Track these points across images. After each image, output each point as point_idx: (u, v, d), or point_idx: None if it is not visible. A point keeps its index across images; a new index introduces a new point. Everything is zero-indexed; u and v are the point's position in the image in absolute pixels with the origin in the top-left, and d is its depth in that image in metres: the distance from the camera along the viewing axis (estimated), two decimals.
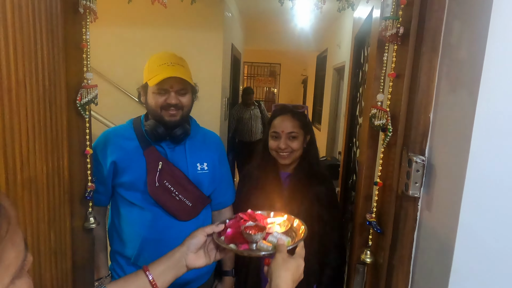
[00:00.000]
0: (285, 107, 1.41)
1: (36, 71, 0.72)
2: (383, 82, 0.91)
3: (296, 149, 1.35)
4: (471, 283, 0.69)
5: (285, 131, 1.33)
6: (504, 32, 0.62)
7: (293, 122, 1.35)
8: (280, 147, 1.34)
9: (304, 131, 1.38)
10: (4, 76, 0.63)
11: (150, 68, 1.24)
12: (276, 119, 1.38)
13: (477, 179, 0.66)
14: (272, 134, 1.37)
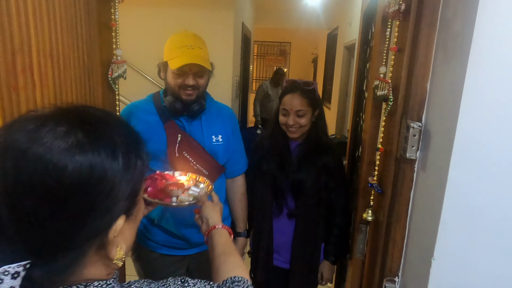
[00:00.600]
0: (295, 85, 1.48)
1: (77, 47, 0.82)
2: (386, 56, 0.99)
3: (304, 124, 1.44)
4: (457, 233, 0.79)
5: (293, 109, 1.41)
6: (492, 6, 0.69)
7: (302, 100, 1.42)
8: (288, 123, 1.43)
9: (312, 107, 1.46)
10: (54, 51, 0.74)
11: (170, 48, 1.32)
12: (286, 97, 1.46)
13: (464, 141, 0.75)
14: (282, 111, 1.46)
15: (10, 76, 0.62)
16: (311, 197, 1.44)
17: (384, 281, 1.01)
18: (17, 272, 0.38)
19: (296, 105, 1.41)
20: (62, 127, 0.40)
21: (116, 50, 1.02)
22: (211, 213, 0.90)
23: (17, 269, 0.37)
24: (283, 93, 1.49)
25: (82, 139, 0.40)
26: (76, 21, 0.82)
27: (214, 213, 0.90)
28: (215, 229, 0.85)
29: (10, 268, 0.37)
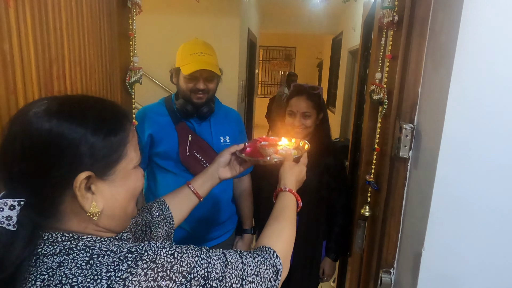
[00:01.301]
0: (302, 88, 1.59)
1: (101, 56, 0.92)
2: (381, 63, 1.07)
3: (309, 126, 1.53)
4: (444, 225, 0.87)
5: (300, 111, 1.52)
6: (473, 21, 0.77)
7: (307, 103, 1.52)
8: (294, 124, 1.53)
9: (317, 110, 1.56)
10: (82, 60, 0.83)
11: (182, 55, 1.42)
12: (293, 99, 1.56)
13: (450, 140, 0.83)
14: (289, 112, 1.56)
15: (48, 82, 0.71)
16: (313, 196, 1.52)
17: (380, 273, 1.08)
18: (13, 205, 0.48)
19: (302, 107, 1.51)
20: (46, 100, 0.54)
21: (133, 58, 1.11)
22: (285, 173, 0.89)
23: (13, 203, 0.49)
24: (290, 96, 1.59)
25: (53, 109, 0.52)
26: (100, 32, 0.91)
27: (288, 175, 0.89)
28: (281, 191, 0.86)
29: (9, 201, 0.48)
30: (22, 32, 0.63)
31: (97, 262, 0.50)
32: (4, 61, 0.59)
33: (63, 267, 0.49)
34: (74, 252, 0.51)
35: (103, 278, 0.48)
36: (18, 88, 0.63)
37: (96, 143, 0.52)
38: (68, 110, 0.53)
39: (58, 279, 0.48)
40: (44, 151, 0.50)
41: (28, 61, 0.65)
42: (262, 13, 6.22)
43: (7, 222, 0.48)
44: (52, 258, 0.50)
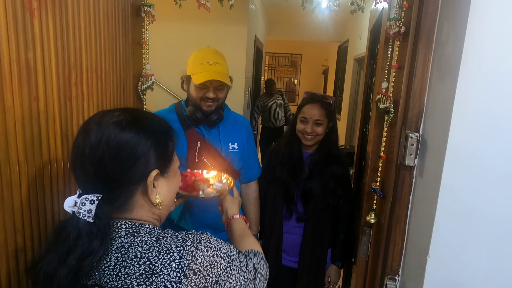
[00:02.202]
0: (314, 96, 1.62)
1: (116, 63, 0.95)
2: (388, 72, 1.09)
3: (320, 133, 1.55)
4: (449, 232, 0.88)
5: (312, 118, 1.53)
6: (478, 32, 0.79)
7: (321, 111, 1.54)
8: (306, 131, 1.54)
9: (328, 119, 1.58)
10: (98, 67, 0.86)
11: (194, 64, 1.44)
12: (306, 106, 1.57)
13: (455, 149, 0.84)
14: (301, 119, 1.56)
15: (66, 88, 0.74)
16: (320, 203, 1.54)
17: (385, 280, 1.09)
18: (93, 200, 0.58)
19: (315, 115, 1.53)
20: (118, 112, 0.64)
21: (145, 65, 1.15)
22: (230, 205, 1.04)
23: (93, 198, 0.59)
24: (303, 103, 1.62)
25: (130, 120, 0.63)
26: (116, 40, 0.94)
27: (232, 206, 1.04)
28: (233, 219, 0.98)
29: (89, 196, 0.59)
30: (45, 41, 0.66)
31: (163, 241, 0.61)
32: (28, 69, 0.62)
33: (134, 246, 0.60)
34: (140, 235, 0.62)
35: (175, 251, 0.59)
36: (39, 95, 0.66)
37: (160, 148, 0.65)
38: (141, 122, 0.65)
39: (134, 255, 0.59)
40: (126, 155, 0.61)
41: (50, 69, 0.68)
42: (268, 21, 6.28)
43: (88, 214, 0.58)
44: (120, 240, 0.61)
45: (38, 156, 0.67)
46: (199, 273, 0.58)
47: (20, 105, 0.61)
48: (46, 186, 0.70)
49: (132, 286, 0.56)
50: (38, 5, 0.64)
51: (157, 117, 0.71)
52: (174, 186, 0.72)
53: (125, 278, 0.56)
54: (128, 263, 0.58)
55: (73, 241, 0.57)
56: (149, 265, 0.57)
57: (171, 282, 0.56)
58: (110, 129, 0.61)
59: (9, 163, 0.60)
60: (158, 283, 0.56)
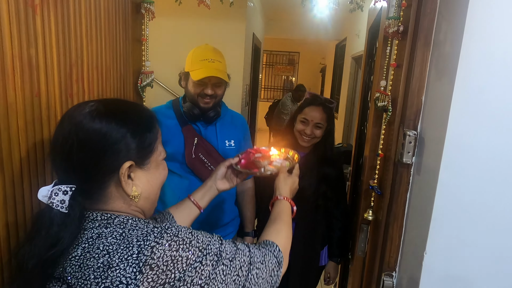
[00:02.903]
0: (318, 99, 1.61)
1: (116, 60, 0.95)
2: (386, 71, 1.10)
3: (319, 136, 1.56)
4: (446, 229, 0.89)
5: (314, 121, 1.53)
6: (476, 32, 0.80)
7: (322, 114, 1.54)
8: (306, 133, 1.53)
9: (328, 122, 1.59)
10: (99, 64, 0.87)
11: (192, 61, 1.44)
12: (309, 108, 1.56)
13: (452, 147, 0.85)
14: (302, 119, 1.56)
15: (68, 85, 0.75)
16: (310, 204, 1.55)
17: (383, 276, 1.11)
18: (66, 191, 0.59)
19: (316, 118, 1.54)
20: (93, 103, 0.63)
21: (145, 62, 1.15)
22: (280, 184, 0.99)
23: (66, 189, 0.59)
24: (305, 104, 1.61)
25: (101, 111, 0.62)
26: (116, 37, 0.95)
27: (283, 185, 0.99)
28: (277, 200, 0.95)
29: (62, 187, 0.59)
30: (46, 38, 0.66)
31: (128, 234, 0.59)
32: (30, 65, 0.63)
33: (101, 237, 0.59)
34: (111, 226, 0.60)
35: (134, 246, 0.57)
36: (41, 91, 0.66)
37: (135, 139, 0.63)
38: (113, 112, 0.63)
39: (97, 247, 0.57)
40: (95, 146, 0.60)
41: (51, 65, 0.69)
42: (266, 18, 6.28)
43: (61, 205, 0.58)
44: (92, 231, 0.60)
45: (39, 153, 0.68)
46: (157, 268, 0.55)
47: (23, 101, 0.61)
48: (47, 182, 0.71)
49: (89, 278, 0.55)
50: (40, 2, 0.64)
51: (139, 107, 0.70)
52: (156, 178, 0.69)
53: (84, 270, 0.56)
54: (91, 254, 0.57)
55: (45, 231, 0.57)
56: (108, 258, 0.56)
57: (126, 278, 0.54)
58: (80, 119, 0.60)
59: (11, 159, 0.60)
60: (114, 278, 0.54)
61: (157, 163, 0.69)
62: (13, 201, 0.61)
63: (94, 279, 0.54)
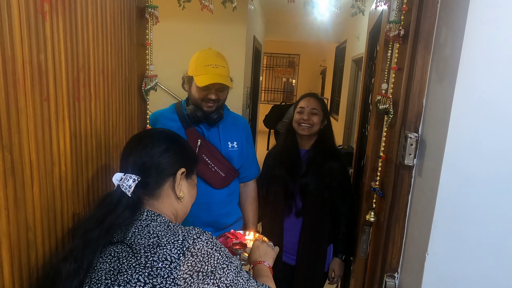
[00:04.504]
0: (310, 93, 1.73)
1: (121, 64, 0.97)
2: (387, 74, 1.11)
3: (316, 123, 1.62)
4: (447, 231, 0.90)
5: (309, 107, 1.62)
6: (476, 36, 0.81)
7: (316, 102, 1.64)
8: (303, 118, 1.60)
9: (323, 113, 1.65)
10: (105, 68, 0.88)
11: (197, 65, 1.46)
12: (303, 100, 1.67)
13: (453, 149, 0.86)
14: (298, 110, 1.64)
15: (75, 89, 0.76)
16: (316, 197, 1.59)
17: (385, 277, 1.12)
18: (134, 179, 0.75)
19: (311, 104, 1.63)
20: (166, 131, 0.86)
21: (149, 66, 1.16)
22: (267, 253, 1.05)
23: (135, 177, 0.75)
24: (299, 99, 1.70)
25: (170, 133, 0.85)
26: (121, 42, 0.96)
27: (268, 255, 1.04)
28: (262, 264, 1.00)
29: (133, 176, 0.75)
30: (55, 44, 0.68)
31: (173, 227, 0.73)
32: (39, 70, 0.64)
33: (150, 226, 0.72)
34: (156, 221, 0.75)
35: (180, 235, 0.69)
36: (50, 95, 0.68)
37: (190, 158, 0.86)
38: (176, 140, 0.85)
39: (147, 231, 0.71)
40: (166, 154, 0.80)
41: (60, 70, 0.70)
42: (267, 21, 6.31)
43: (128, 189, 0.74)
44: (140, 222, 0.74)
45: (48, 156, 0.69)
46: (196, 257, 0.67)
47: (32, 106, 0.63)
48: (55, 185, 0.72)
49: (140, 252, 0.67)
50: (49, 8, 0.65)
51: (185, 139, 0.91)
52: (192, 194, 0.88)
53: (136, 246, 0.68)
54: (142, 235, 0.70)
55: (113, 205, 0.73)
56: (157, 239, 0.68)
57: (171, 256, 0.65)
58: (157, 136, 0.82)
59: (22, 162, 0.61)
60: (161, 255, 0.65)
61: (194, 182, 0.89)
62: (24, 203, 0.62)
63: (144, 253, 0.66)
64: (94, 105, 0.84)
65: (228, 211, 1.60)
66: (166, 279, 0.64)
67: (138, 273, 0.65)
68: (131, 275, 0.65)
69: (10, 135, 0.57)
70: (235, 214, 1.64)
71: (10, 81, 0.57)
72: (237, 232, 1.28)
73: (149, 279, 0.64)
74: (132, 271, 0.65)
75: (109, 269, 0.69)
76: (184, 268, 0.65)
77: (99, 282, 0.68)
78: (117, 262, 0.69)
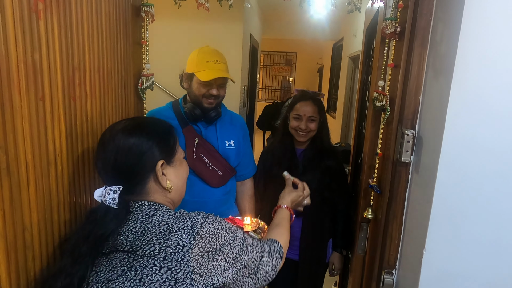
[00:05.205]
0: (306, 93, 1.68)
1: (117, 63, 0.96)
2: (384, 71, 1.11)
3: (313, 129, 1.60)
4: (444, 227, 0.90)
5: (306, 115, 1.58)
6: (472, 33, 0.81)
7: (313, 107, 1.60)
8: (300, 128, 1.58)
9: (320, 115, 1.63)
10: (101, 67, 0.87)
11: (198, 62, 1.46)
12: (299, 104, 1.62)
13: (449, 145, 0.87)
14: (295, 116, 1.61)
15: (71, 89, 0.76)
16: (316, 197, 1.56)
17: (383, 273, 1.12)
18: (115, 190, 0.74)
19: (308, 111, 1.59)
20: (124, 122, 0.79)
21: (145, 65, 1.16)
22: (284, 195, 1.19)
23: (115, 189, 0.74)
24: (295, 101, 1.66)
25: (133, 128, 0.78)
26: (117, 41, 0.96)
27: (286, 196, 1.18)
28: (279, 208, 1.13)
29: (113, 188, 0.74)
30: (50, 43, 0.67)
31: (179, 214, 0.76)
32: (34, 69, 0.63)
33: (156, 215, 0.75)
34: (159, 211, 0.76)
35: (188, 220, 0.73)
36: (45, 94, 0.67)
37: (162, 144, 0.80)
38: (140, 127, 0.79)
39: (156, 220, 0.74)
40: (133, 155, 0.76)
41: (55, 69, 0.69)
42: (264, 19, 6.29)
43: (112, 202, 0.74)
44: (144, 213, 0.75)
45: (44, 156, 0.68)
46: (205, 238, 0.72)
47: (28, 105, 0.62)
48: (52, 185, 0.72)
49: (152, 240, 0.71)
50: (43, 7, 0.65)
51: (157, 119, 0.86)
52: (182, 173, 0.86)
53: (147, 234, 0.72)
54: (151, 224, 0.73)
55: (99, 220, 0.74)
56: (167, 227, 0.72)
57: (183, 241, 0.70)
58: (118, 138, 0.76)
59: (17, 162, 0.61)
60: (173, 241, 0.70)
61: (180, 161, 0.86)
62: (20, 204, 0.62)
63: (157, 240, 0.70)
64: (90, 104, 0.84)
65: (225, 210, 1.60)
66: (180, 262, 0.69)
67: (153, 258, 0.69)
68: (147, 261, 0.69)
69: (5, 135, 0.57)
70: (232, 212, 1.65)
71: (4, 81, 0.56)
72: (235, 218, 1.29)
73: (164, 263, 0.69)
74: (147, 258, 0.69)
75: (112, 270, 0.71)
76: (196, 251, 0.70)
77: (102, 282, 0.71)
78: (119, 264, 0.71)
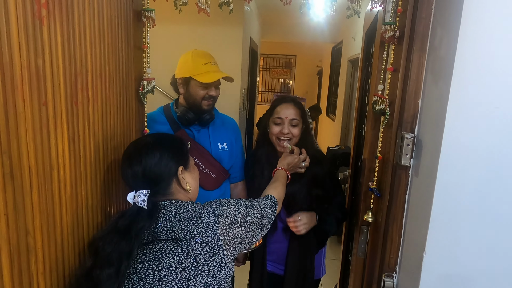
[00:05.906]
0: (287, 97, 1.54)
1: (119, 68, 0.97)
2: (383, 75, 1.12)
3: (296, 135, 1.44)
4: (444, 230, 0.91)
5: (288, 117, 1.42)
6: (471, 37, 0.82)
7: (295, 110, 1.45)
8: (283, 132, 1.42)
9: (303, 120, 1.47)
10: (102, 72, 0.88)
11: (195, 65, 1.46)
12: (280, 106, 1.47)
13: (449, 149, 0.87)
14: (275, 120, 1.45)
15: (73, 93, 0.76)
16: (303, 209, 1.45)
17: (383, 276, 1.12)
18: (145, 193, 0.89)
19: (290, 114, 1.44)
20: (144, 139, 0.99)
21: (146, 69, 1.16)
22: (281, 159, 1.40)
23: (145, 191, 0.90)
24: (275, 104, 1.51)
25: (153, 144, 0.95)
26: (119, 45, 0.96)
27: (282, 161, 1.40)
28: (277, 170, 1.36)
29: (143, 191, 0.89)
30: (53, 48, 0.68)
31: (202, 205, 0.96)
32: (38, 75, 0.64)
33: (185, 207, 0.93)
34: (186, 204, 0.95)
35: (209, 207, 0.95)
36: (48, 100, 0.68)
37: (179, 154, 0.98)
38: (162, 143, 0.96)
39: (187, 209, 0.92)
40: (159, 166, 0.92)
41: (57, 75, 0.70)
42: (263, 22, 6.32)
43: (144, 203, 0.88)
44: (173, 206, 0.93)
45: (47, 160, 0.69)
46: (224, 216, 0.94)
47: (31, 111, 0.63)
48: (54, 189, 0.72)
49: (189, 223, 0.89)
50: (47, 13, 0.65)
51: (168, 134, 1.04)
52: (196, 175, 1.04)
53: (184, 220, 0.90)
54: (185, 213, 0.91)
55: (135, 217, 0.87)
56: (197, 214, 0.92)
57: (211, 222, 0.91)
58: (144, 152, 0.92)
59: (21, 167, 0.61)
60: (204, 223, 0.91)
61: (193, 166, 1.04)
62: (23, 208, 0.63)
63: (193, 224, 0.89)
64: (92, 108, 0.84)
65: None
66: (213, 238, 0.89)
67: (194, 237, 0.88)
68: (189, 240, 0.87)
69: (9, 140, 0.58)
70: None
71: (8, 86, 0.57)
72: None
73: (203, 240, 0.88)
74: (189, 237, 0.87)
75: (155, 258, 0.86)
76: (220, 227, 0.92)
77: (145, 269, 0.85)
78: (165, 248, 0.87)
